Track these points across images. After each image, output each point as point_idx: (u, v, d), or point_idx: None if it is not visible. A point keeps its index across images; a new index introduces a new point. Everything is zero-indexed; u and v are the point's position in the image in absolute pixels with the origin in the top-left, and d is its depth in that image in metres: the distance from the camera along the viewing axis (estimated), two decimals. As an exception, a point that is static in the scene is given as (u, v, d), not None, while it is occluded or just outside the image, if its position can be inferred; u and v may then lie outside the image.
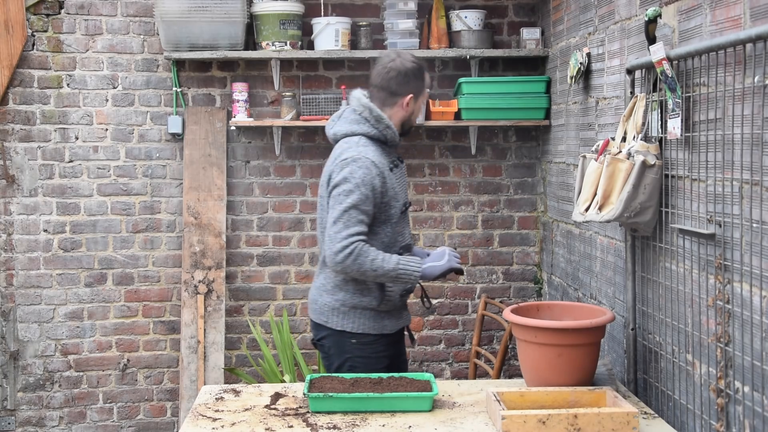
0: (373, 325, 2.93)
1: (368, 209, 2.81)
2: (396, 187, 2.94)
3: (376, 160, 2.85)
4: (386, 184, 2.87)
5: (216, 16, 4.11)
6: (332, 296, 2.93)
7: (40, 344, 4.35)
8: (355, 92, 2.97)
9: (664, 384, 2.69)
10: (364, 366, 2.91)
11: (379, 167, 2.85)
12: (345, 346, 2.95)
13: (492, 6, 4.41)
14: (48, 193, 4.33)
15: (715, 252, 2.31)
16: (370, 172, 2.81)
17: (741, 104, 2.15)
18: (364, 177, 2.79)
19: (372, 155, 2.85)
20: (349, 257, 2.74)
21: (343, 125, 2.94)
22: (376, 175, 2.82)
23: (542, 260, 4.45)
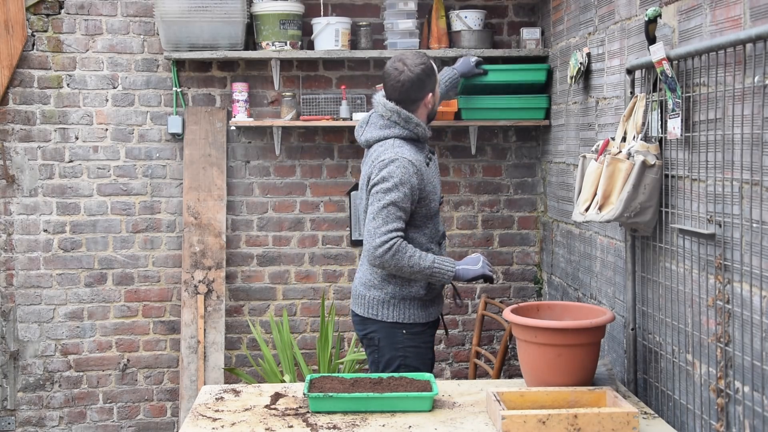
0: (421, 313, 3.06)
1: (407, 207, 2.93)
2: (434, 180, 3.07)
3: (413, 159, 2.96)
4: (424, 180, 2.99)
5: (216, 16, 4.11)
6: (381, 290, 3.05)
7: (40, 344, 4.35)
8: (378, 97, 3.09)
9: (664, 384, 2.69)
10: (415, 356, 3.03)
11: (416, 165, 2.96)
12: (396, 337, 3.04)
13: (492, 6, 4.41)
14: (48, 193, 4.33)
15: (715, 252, 2.31)
16: (408, 171, 2.92)
17: (741, 104, 2.15)
18: (403, 176, 2.91)
19: (408, 154, 2.96)
20: (388, 252, 2.88)
21: (374, 131, 3.06)
22: (414, 173, 2.93)
23: (542, 260, 4.45)
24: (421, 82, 3.01)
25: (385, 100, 3.04)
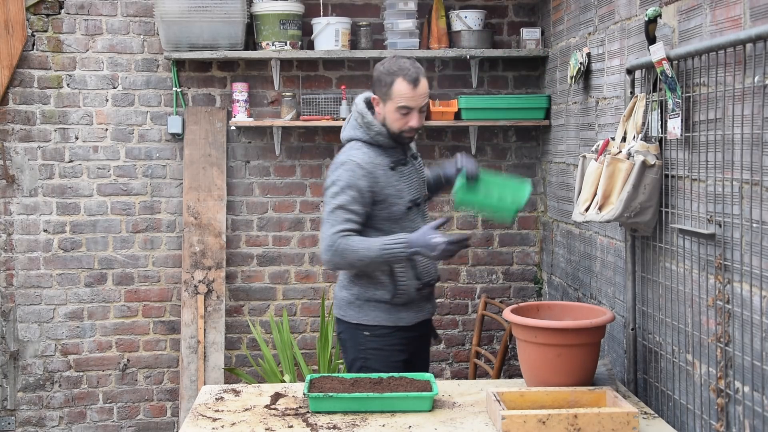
0: (388, 317, 2.98)
1: (356, 209, 2.88)
2: (398, 184, 2.97)
3: (365, 162, 2.92)
4: (380, 183, 2.93)
5: (216, 16, 4.11)
6: (348, 290, 3.02)
7: (40, 344, 4.35)
8: (358, 97, 3.08)
9: (664, 384, 2.69)
10: (377, 358, 2.96)
11: (367, 168, 2.91)
12: (359, 338, 3.00)
13: (492, 6, 4.41)
14: (48, 193, 4.33)
15: (715, 252, 2.31)
16: (355, 174, 2.89)
17: (741, 104, 2.15)
18: (349, 179, 2.89)
19: (361, 158, 2.93)
20: (335, 254, 2.85)
21: (347, 131, 3.07)
22: (362, 176, 2.89)
23: (542, 260, 4.45)
24: (376, 80, 2.96)
25: (360, 100, 3.03)
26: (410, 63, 2.94)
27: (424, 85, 2.94)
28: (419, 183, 3.10)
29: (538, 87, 4.43)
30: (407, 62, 2.94)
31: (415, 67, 2.94)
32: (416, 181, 3.08)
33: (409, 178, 3.05)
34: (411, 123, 2.94)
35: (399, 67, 2.91)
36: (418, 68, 2.94)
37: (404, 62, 2.94)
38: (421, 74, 2.93)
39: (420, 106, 2.94)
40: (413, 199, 3.03)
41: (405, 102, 2.90)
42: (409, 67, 2.92)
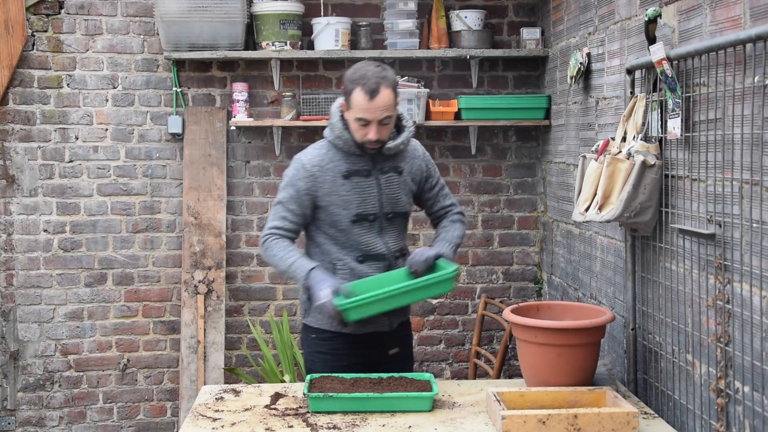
0: (330, 322, 2.83)
1: (294, 208, 2.84)
2: (347, 195, 2.81)
3: (312, 164, 2.83)
4: (322, 188, 2.81)
5: (216, 16, 4.11)
6: (303, 292, 2.92)
7: (40, 344, 4.35)
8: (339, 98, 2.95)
9: (664, 384, 2.69)
10: (321, 362, 2.91)
11: (311, 170, 2.82)
12: (307, 340, 2.99)
13: (492, 6, 4.41)
14: (48, 193, 4.33)
15: (715, 252, 2.31)
16: (298, 174, 2.84)
17: (741, 104, 2.15)
18: (292, 177, 2.85)
19: (310, 159, 2.85)
20: (263, 251, 2.88)
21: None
22: (304, 177, 2.82)
23: (542, 260, 4.45)
24: (344, 86, 2.78)
25: (338, 100, 2.89)
26: (375, 72, 2.72)
27: (384, 97, 2.69)
28: (383, 198, 2.86)
29: (538, 87, 4.43)
30: (372, 70, 2.72)
31: (379, 76, 2.71)
32: (375, 195, 2.84)
33: (366, 191, 2.83)
34: (369, 135, 2.73)
35: (360, 76, 2.71)
36: (382, 78, 2.71)
37: (368, 70, 2.72)
38: (383, 85, 2.69)
39: (378, 119, 2.71)
40: (362, 213, 2.83)
41: (361, 114, 2.71)
42: (371, 76, 2.69)
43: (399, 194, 2.90)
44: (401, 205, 2.92)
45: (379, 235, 2.88)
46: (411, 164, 2.94)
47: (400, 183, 2.90)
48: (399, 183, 2.90)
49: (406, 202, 2.94)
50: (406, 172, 2.92)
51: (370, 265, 2.87)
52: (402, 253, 2.95)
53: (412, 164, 2.94)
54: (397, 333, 2.99)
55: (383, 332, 2.93)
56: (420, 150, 3.00)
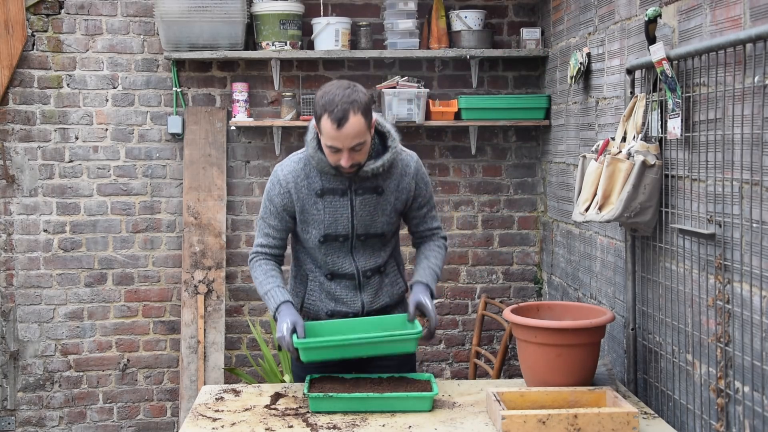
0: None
1: (275, 224, 2.76)
2: (319, 214, 2.70)
3: (288, 179, 2.70)
4: (296, 204, 2.71)
5: (216, 16, 4.11)
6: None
7: (40, 344, 4.35)
8: None
9: (664, 384, 2.69)
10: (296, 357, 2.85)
11: (286, 187, 2.70)
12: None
13: (492, 6, 4.41)
14: (48, 193, 4.33)
15: (715, 252, 2.31)
16: (273, 189, 2.74)
17: (741, 104, 2.15)
18: (269, 192, 2.76)
19: (286, 173, 2.72)
20: (249, 267, 2.86)
21: None
22: (279, 193, 2.71)
23: (542, 260, 4.45)
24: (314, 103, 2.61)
25: None
26: (343, 97, 2.51)
27: (353, 124, 2.50)
28: (355, 219, 2.71)
29: (538, 87, 4.43)
30: (340, 95, 2.51)
31: (347, 101, 2.50)
32: (347, 217, 2.70)
33: (338, 211, 2.70)
34: (341, 162, 2.57)
35: (328, 101, 2.51)
36: (350, 103, 2.50)
37: (336, 95, 2.52)
38: (351, 111, 2.49)
39: (349, 147, 2.53)
40: (331, 234, 2.72)
41: (330, 142, 2.53)
42: (338, 102, 2.49)
43: (376, 216, 2.73)
44: (378, 226, 2.75)
45: (348, 255, 2.77)
46: (398, 182, 2.74)
47: (380, 203, 2.72)
48: (377, 204, 2.72)
49: (384, 222, 2.75)
50: (390, 191, 2.73)
51: (339, 282, 2.79)
52: (379, 271, 2.81)
53: (399, 182, 2.74)
54: None
55: None
56: (412, 167, 2.77)
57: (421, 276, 2.80)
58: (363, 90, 2.58)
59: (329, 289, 2.80)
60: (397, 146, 2.72)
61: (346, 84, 2.58)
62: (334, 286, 2.80)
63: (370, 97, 2.60)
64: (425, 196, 2.83)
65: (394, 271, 2.90)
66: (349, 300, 2.81)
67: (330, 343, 2.60)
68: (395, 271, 2.90)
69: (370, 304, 2.82)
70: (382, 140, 2.72)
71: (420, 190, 2.80)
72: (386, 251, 2.84)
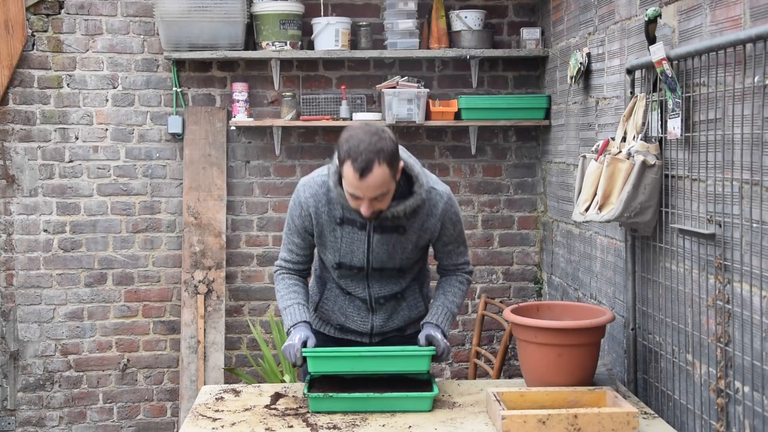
0: (314, 319, 2.87)
1: (298, 241, 2.72)
2: (335, 242, 2.65)
3: (311, 203, 2.63)
4: (316, 228, 2.66)
5: (216, 16, 4.11)
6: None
7: (40, 344, 4.35)
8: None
9: (664, 384, 2.69)
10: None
11: (306, 209, 2.64)
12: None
13: (492, 6, 4.41)
14: (48, 193, 4.33)
15: (715, 252, 2.31)
16: (295, 209, 2.68)
17: (741, 104, 2.15)
18: (291, 210, 2.70)
19: (307, 195, 2.63)
20: (274, 278, 2.84)
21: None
22: (299, 215, 2.66)
23: (542, 260, 4.45)
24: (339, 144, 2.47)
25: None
26: (368, 145, 2.37)
27: (377, 175, 2.37)
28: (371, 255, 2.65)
29: (538, 87, 4.43)
30: (366, 142, 2.38)
31: (373, 151, 2.36)
32: (362, 251, 2.64)
33: (354, 244, 2.64)
34: (361, 209, 2.47)
35: (352, 147, 2.38)
36: (376, 153, 2.36)
37: (362, 141, 2.38)
38: (376, 162, 2.36)
39: (371, 197, 2.42)
40: (346, 263, 2.68)
41: (352, 190, 2.43)
42: (363, 150, 2.36)
43: (395, 254, 2.66)
44: (395, 262, 2.68)
45: (363, 281, 2.73)
46: (423, 222, 2.63)
47: (399, 242, 2.64)
48: (397, 243, 2.64)
49: (403, 259, 2.69)
50: (414, 230, 2.63)
51: (352, 300, 2.79)
52: (395, 297, 2.77)
53: (424, 222, 2.63)
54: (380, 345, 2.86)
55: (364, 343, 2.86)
56: (440, 208, 2.63)
57: (434, 317, 2.74)
58: (390, 136, 2.43)
59: (342, 305, 2.81)
60: (424, 191, 2.56)
61: (374, 130, 2.43)
62: (347, 304, 2.80)
63: (396, 145, 2.45)
64: (452, 235, 2.71)
65: (415, 295, 2.84)
66: (359, 319, 2.81)
67: (340, 353, 2.59)
68: (416, 295, 2.84)
69: (381, 327, 2.81)
70: (408, 182, 2.57)
71: (446, 230, 2.68)
72: (406, 279, 2.78)
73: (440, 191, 2.65)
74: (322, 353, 2.59)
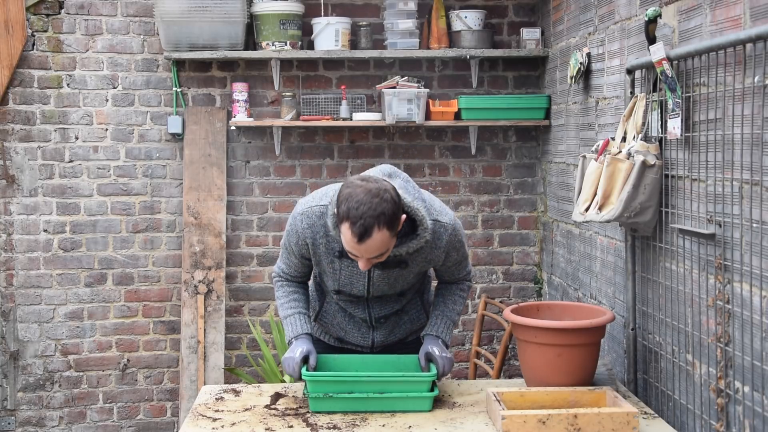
0: (315, 326, 2.87)
1: (296, 262, 2.67)
2: (334, 273, 2.62)
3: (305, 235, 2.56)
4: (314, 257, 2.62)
5: (216, 16, 4.11)
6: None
7: (40, 344, 4.35)
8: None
9: (664, 384, 2.69)
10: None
11: (303, 239, 2.57)
12: None
13: (492, 6, 4.41)
14: (48, 193, 4.33)
15: (715, 252, 2.31)
16: (291, 234, 2.60)
17: (741, 104, 2.15)
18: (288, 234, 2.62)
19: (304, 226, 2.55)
20: (273, 284, 2.82)
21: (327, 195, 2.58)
22: (296, 242, 2.59)
23: (542, 260, 4.45)
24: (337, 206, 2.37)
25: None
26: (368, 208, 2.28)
27: (376, 240, 2.29)
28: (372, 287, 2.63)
29: (538, 87, 4.43)
30: (366, 204, 2.28)
31: (372, 216, 2.27)
32: (363, 284, 2.62)
33: (354, 277, 2.61)
34: (360, 265, 2.41)
35: (351, 209, 2.29)
36: (375, 218, 2.27)
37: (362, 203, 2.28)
38: (376, 228, 2.27)
39: (368, 258, 2.37)
40: (346, 292, 2.66)
41: (349, 248, 2.36)
42: (362, 215, 2.27)
43: (396, 284, 2.64)
44: (396, 289, 2.66)
45: (363, 305, 2.73)
46: (427, 254, 2.57)
47: (402, 275, 2.62)
48: (399, 275, 2.61)
49: (404, 286, 2.68)
50: (417, 263, 2.59)
51: (352, 318, 2.78)
52: (396, 313, 2.78)
53: (428, 254, 2.58)
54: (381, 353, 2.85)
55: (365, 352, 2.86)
56: (444, 240, 2.56)
57: (434, 328, 2.71)
58: (392, 196, 2.32)
59: (341, 320, 2.80)
60: (429, 234, 2.48)
61: (375, 190, 2.30)
62: (347, 320, 2.79)
63: (398, 204, 2.34)
64: (455, 260, 2.67)
65: (417, 308, 2.85)
66: (360, 336, 2.81)
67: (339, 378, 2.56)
68: (417, 307, 2.85)
69: (383, 342, 2.82)
70: (412, 223, 2.48)
71: (450, 257, 2.63)
72: (407, 297, 2.77)
73: (444, 223, 2.57)
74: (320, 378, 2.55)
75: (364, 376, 2.56)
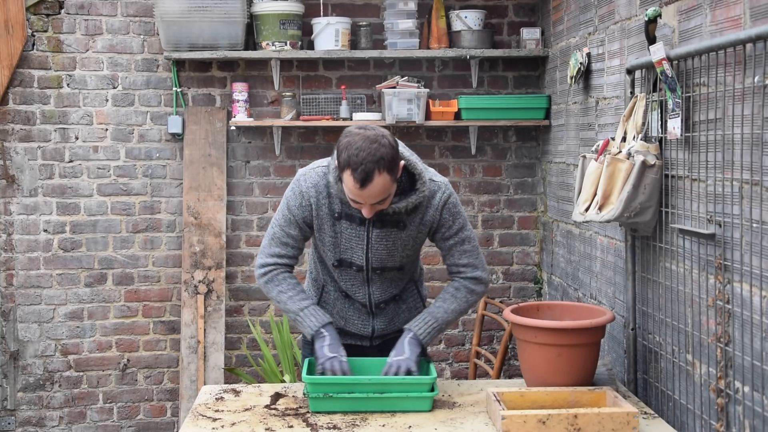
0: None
1: (295, 233, 2.65)
2: (333, 237, 2.62)
3: (312, 194, 2.59)
4: (315, 221, 2.62)
5: (216, 16, 4.11)
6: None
7: (40, 344, 4.35)
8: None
9: (664, 384, 2.69)
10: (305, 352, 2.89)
11: (307, 199, 2.59)
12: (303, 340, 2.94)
13: (492, 6, 4.41)
14: (48, 193, 4.33)
15: (715, 252, 2.31)
16: (295, 199, 2.61)
17: (741, 104, 2.15)
18: (289, 200, 2.63)
19: (308, 185, 2.59)
20: (262, 278, 2.69)
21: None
22: (299, 205, 2.60)
23: (542, 260, 4.45)
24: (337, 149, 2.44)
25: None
26: (368, 154, 2.34)
27: (377, 184, 2.36)
28: (370, 252, 2.63)
29: (538, 87, 4.43)
30: (365, 150, 2.35)
31: (372, 160, 2.34)
32: (362, 248, 2.62)
33: (353, 240, 2.62)
34: (363, 212, 2.48)
35: (351, 156, 2.36)
36: (376, 162, 2.34)
37: (361, 150, 2.35)
38: (376, 171, 2.34)
39: (371, 203, 2.43)
40: (346, 260, 2.66)
41: (352, 196, 2.43)
42: (362, 160, 2.34)
43: (395, 251, 2.64)
44: (395, 260, 2.67)
45: (364, 284, 2.72)
46: (422, 215, 2.61)
47: (399, 239, 2.62)
48: (397, 239, 2.62)
49: (403, 256, 2.68)
50: (414, 225, 2.61)
51: (353, 303, 2.78)
52: (394, 299, 2.79)
53: (423, 215, 2.61)
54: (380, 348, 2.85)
55: (365, 346, 2.86)
56: (439, 201, 2.60)
57: (413, 323, 2.68)
58: (389, 141, 2.39)
59: (341, 308, 2.80)
60: (427, 189, 2.55)
61: (372, 137, 2.38)
62: (347, 307, 2.79)
63: (396, 148, 2.42)
64: (452, 228, 2.65)
65: (414, 297, 2.86)
66: (360, 323, 2.81)
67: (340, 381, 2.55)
68: (414, 296, 2.86)
69: (383, 330, 2.83)
70: (410, 178, 2.56)
71: (445, 221, 2.63)
72: (405, 278, 2.80)
73: (438, 182, 2.64)
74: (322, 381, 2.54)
75: (365, 380, 2.57)
